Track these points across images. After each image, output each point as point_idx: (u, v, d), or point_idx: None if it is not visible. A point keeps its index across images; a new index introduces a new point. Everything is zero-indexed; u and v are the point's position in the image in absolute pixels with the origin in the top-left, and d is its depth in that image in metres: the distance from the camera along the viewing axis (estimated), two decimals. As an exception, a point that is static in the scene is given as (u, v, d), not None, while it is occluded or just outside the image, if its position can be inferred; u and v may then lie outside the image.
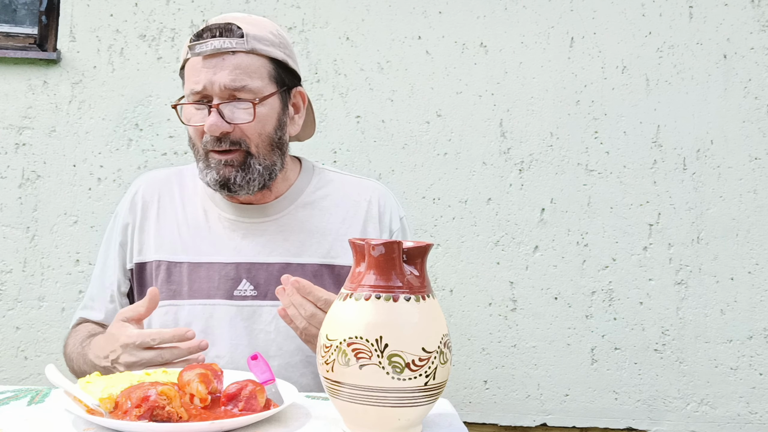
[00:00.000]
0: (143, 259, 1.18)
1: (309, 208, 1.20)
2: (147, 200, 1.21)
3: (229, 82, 1.07)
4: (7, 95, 2.13)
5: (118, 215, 1.23)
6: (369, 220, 1.21)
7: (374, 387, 0.70)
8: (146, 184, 1.24)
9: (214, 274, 1.13)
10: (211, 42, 1.08)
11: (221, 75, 1.07)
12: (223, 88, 1.07)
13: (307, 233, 1.17)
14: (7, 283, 2.11)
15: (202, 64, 1.08)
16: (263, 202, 1.19)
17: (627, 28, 2.21)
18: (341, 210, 1.20)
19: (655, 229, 2.18)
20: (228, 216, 1.18)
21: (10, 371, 2.09)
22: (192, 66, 1.10)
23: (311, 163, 1.27)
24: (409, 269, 0.74)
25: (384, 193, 1.25)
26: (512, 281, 2.17)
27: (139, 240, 1.19)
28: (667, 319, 2.17)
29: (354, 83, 2.18)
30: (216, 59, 1.08)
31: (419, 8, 2.20)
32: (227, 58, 1.08)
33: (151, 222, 1.20)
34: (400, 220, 1.24)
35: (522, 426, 2.16)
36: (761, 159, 2.19)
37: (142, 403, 0.72)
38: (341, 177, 1.27)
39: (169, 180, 1.24)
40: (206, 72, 1.08)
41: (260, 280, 1.13)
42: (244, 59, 1.09)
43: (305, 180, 1.23)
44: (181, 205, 1.20)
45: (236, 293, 1.13)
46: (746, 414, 2.16)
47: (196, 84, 1.08)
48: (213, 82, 1.07)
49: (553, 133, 2.19)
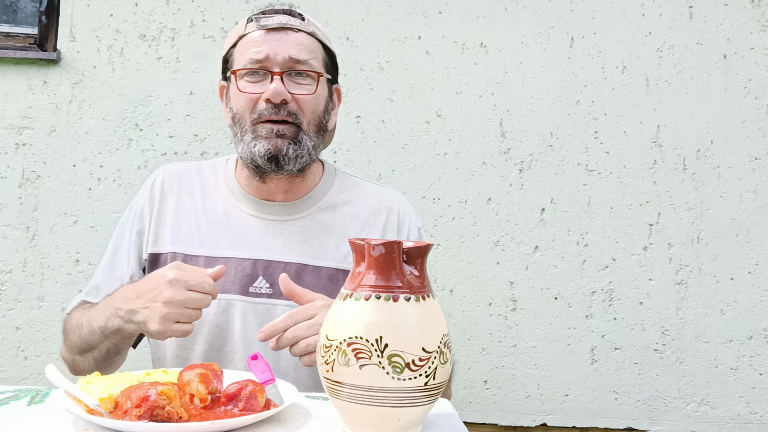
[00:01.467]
0: (158, 250, 1.17)
1: (331, 211, 1.20)
2: (166, 191, 1.20)
3: (294, 54, 1.11)
4: (7, 95, 2.13)
5: (136, 204, 1.22)
6: (388, 229, 1.21)
7: (374, 387, 0.70)
8: (166, 175, 1.23)
9: (231, 269, 1.12)
10: (278, 17, 1.13)
11: (286, 47, 1.11)
12: (287, 58, 1.11)
13: (327, 236, 1.17)
14: (7, 283, 2.11)
15: (264, 37, 1.12)
16: (287, 201, 1.18)
17: (627, 28, 2.21)
18: (362, 216, 1.20)
19: (655, 229, 2.18)
20: (249, 211, 1.18)
21: (10, 371, 2.09)
22: (252, 38, 1.13)
23: (333, 166, 1.27)
24: (409, 269, 0.74)
25: (404, 204, 1.25)
26: (512, 281, 2.17)
27: (155, 230, 1.18)
28: (667, 319, 2.17)
29: (354, 83, 2.18)
30: (280, 33, 1.12)
31: (419, 8, 2.20)
32: (291, 34, 1.12)
33: (168, 213, 1.19)
34: (418, 230, 1.25)
35: (522, 426, 2.16)
36: (761, 159, 2.19)
37: (142, 403, 0.72)
38: (364, 183, 1.27)
39: (190, 173, 1.23)
40: (270, 43, 1.11)
41: (276, 279, 1.12)
42: (305, 38, 1.14)
43: (328, 182, 1.23)
44: (201, 199, 1.20)
45: (252, 290, 1.12)
46: (746, 414, 2.16)
47: (258, 53, 1.11)
48: (277, 53, 1.10)
49: (553, 133, 2.19)
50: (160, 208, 1.19)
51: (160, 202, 1.20)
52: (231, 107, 1.16)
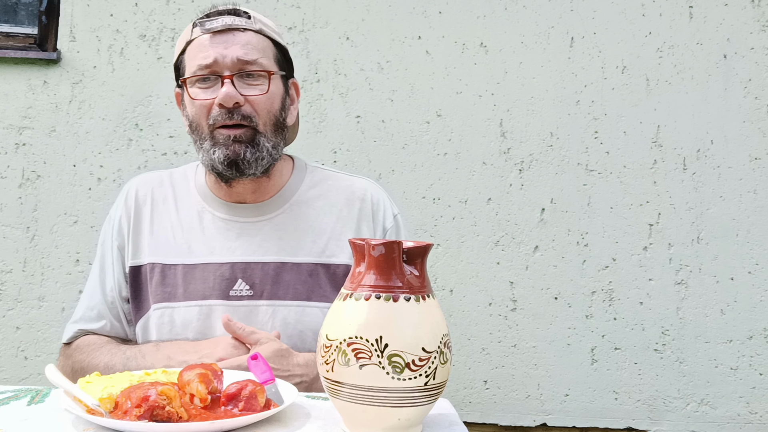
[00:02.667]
0: (138, 262, 1.17)
1: (303, 206, 1.19)
2: (140, 202, 1.20)
3: (242, 55, 1.09)
4: (7, 95, 2.13)
5: (113, 218, 1.22)
6: (362, 219, 1.20)
7: (374, 387, 0.70)
8: (139, 186, 1.22)
9: (209, 274, 1.12)
10: (222, 19, 1.11)
11: (233, 49, 1.10)
12: (235, 61, 1.09)
13: (302, 232, 1.16)
14: (7, 283, 2.11)
15: (210, 41, 1.10)
16: (257, 201, 1.18)
17: (627, 28, 2.21)
18: (335, 209, 1.20)
19: (655, 229, 2.18)
20: (222, 216, 1.17)
21: (10, 371, 2.09)
22: (199, 43, 1.12)
23: (303, 161, 1.26)
24: (409, 269, 0.74)
25: (376, 191, 1.24)
26: (512, 281, 2.17)
27: (134, 243, 1.18)
28: (667, 319, 2.17)
29: (354, 83, 2.18)
30: (226, 35, 1.10)
31: (419, 8, 2.20)
32: (237, 34, 1.11)
33: (145, 224, 1.19)
34: (394, 217, 1.23)
35: (522, 426, 2.16)
36: (761, 159, 2.19)
37: (142, 403, 0.72)
38: (334, 175, 1.26)
39: (162, 182, 1.23)
40: (216, 47, 1.10)
41: (256, 280, 1.12)
42: (252, 37, 1.12)
43: (298, 178, 1.22)
44: (175, 207, 1.19)
45: (232, 293, 1.12)
46: (746, 414, 2.16)
47: (206, 58, 1.10)
48: (225, 56, 1.09)
49: (553, 133, 2.19)
50: (137, 219, 1.19)
51: (135, 214, 1.19)
52: (187, 115, 1.15)
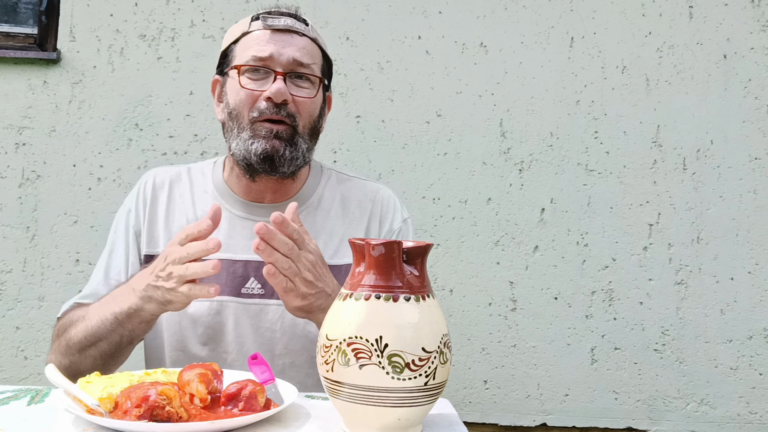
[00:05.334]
0: (152, 251, 1.18)
1: (318, 209, 1.21)
2: (157, 194, 1.21)
3: (298, 56, 1.12)
4: (7, 95, 2.13)
5: (128, 206, 1.22)
6: (372, 219, 1.22)
7: (374, 387, 0.70)
8: (156, 178, 1.24)
9: (222, 271, 1.12)
10: (284, 19, 1.14)
11: (290, 49, 1.12)
12: (291, 61, 1.12)
13: (315, 234, 1.17)
14: (7, 283, 2.11)
15: (270, 36, 1.13)
16: (275, 202, 1.19)
17: (627, 28, 2.21)
18: (348, 212, 1.22)
19: (655, 229, 2.18)
20: (238, 213, 1.18)
21: (10, 371, 2.09)
22: (257, 36, 1.14)
23: (319, 164, 1.28)
24: (409, 269, 0.74)
25: (387, 194, 1.26)
26: (512, 281, 2.17)
27: (148, 232, 1.19)
28: (667, 319, 2.17)
29: (354, 83, 2.18)
30: (285, 35, 1.13)
31: (419, 8, 2.20)
32: (295, 37, 1.14)
33: (160, 215, 1.20)
34: (404, 221, 1.25)
35: (522, 426, 2.16)
36: (761, 159, 2.19)
37: (142, 403, 0.72)
38: (349, 179, 1.28)
39: (180, 176, 1.24)
40: (275, 44, 1.12)
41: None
42: (308, 44, 1.16)
43: (315, 180, 1.24)
44: (191, 202, 1.20)
45: (244, 291, 1.13)
46: (746, 414, 2.16)
47: (263, 51, 1.12)
48: (282, 54, 1.11)
49: (553, 133, 2.19)
50: (152, 210, 1.20)
51: (151, 205, 1.20)
52: (228, 102, 1.15)
